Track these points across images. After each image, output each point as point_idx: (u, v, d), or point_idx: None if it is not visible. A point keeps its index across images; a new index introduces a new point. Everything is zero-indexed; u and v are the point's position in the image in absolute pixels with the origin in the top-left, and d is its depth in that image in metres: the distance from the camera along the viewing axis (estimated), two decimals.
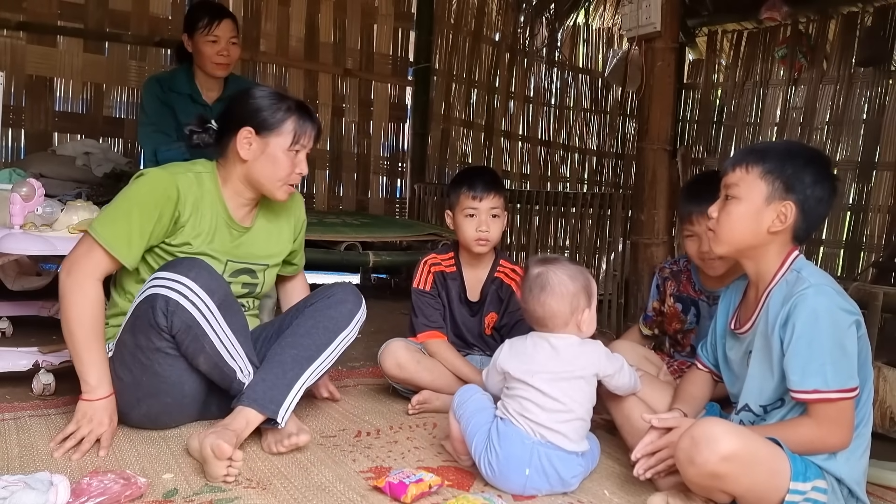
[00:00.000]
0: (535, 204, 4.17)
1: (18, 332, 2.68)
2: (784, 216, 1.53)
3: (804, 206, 1.53)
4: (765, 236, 1.55)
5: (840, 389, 1.44)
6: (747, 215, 1.55)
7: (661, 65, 2.95)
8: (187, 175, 1.93)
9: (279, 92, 2.03)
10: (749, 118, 5.54)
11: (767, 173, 1.53)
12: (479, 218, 2.26)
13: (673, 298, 2.22)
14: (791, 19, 5.07)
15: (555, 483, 1.65)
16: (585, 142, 6.10)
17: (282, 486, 1.61)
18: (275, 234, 2.12)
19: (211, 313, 1.76)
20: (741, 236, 1.57)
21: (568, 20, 5.88)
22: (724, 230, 1.58)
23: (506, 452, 1.63)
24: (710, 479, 1.42)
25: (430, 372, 2.22)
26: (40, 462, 1.65)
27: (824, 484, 1.45)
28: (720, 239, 1.60)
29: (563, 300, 1.70)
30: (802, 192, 1.52)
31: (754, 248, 1.58)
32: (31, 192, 2.12)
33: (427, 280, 2.37)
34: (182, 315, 1.72)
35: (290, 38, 4.61)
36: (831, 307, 1.46)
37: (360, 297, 2.06)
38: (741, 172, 1.56)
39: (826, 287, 1.49)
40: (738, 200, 1.56)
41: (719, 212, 1.59)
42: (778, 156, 1.55)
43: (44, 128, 3.91)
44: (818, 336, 1.44)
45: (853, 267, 4.79)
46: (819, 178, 1.53)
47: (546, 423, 1.65)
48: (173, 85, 2.95)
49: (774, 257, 1.58)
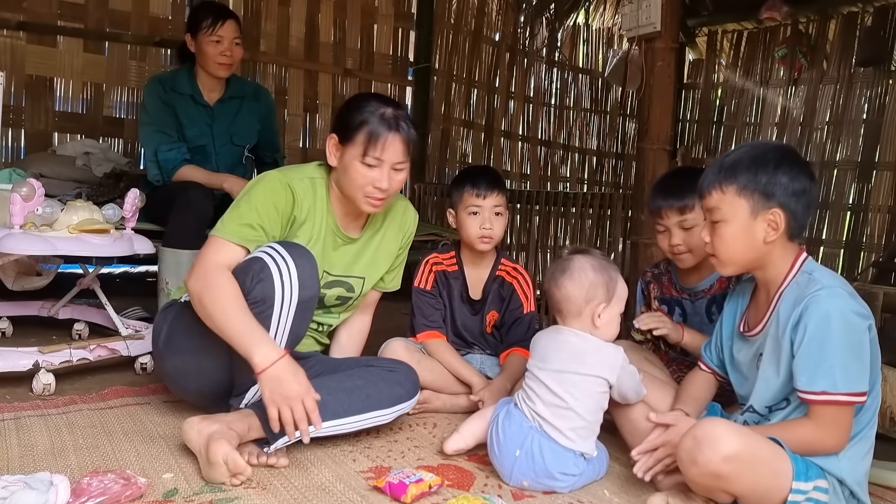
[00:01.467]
0: (535, 204, 4.17)
1: (18, 332, 2.69)
2: (775, 223, 1.53)
3: (789, 206, 1.53)
4: (763, 247, 1.56)
5: (848, 392, 1.44)
6: (740, 234, 1.55)
7: (661, 65, 2.94)
8: (303, 181, 1.93)
9: (377, 98, 1.94)
10: (749, 118, 5.54)
11: (743, 188, 1.53)
12: (483, 216, 2.27)
13: (658, 301, 2.23)
14: (791, 19, 5.07)
15: (540, 472, 1.65)
16: (585, 142, 6.10)
17: (282, 486, 1.61)
18: (382, 248, 2.11)
19: (289, 304, 1.74)
20: (742, 254, 1.57)
21: (568, 20, 5.87)
22: (722, 253, 1.59)
23: (506, 431, 1.69)
24: (713, 479, 1.42)
25: (431, 372, 2.22)
26: (40, 462, 1.65)
27: (826, 484, 1.45)
28: (723, 261, 1.60)
29: (579, 286, 1.71)
30: (783, 195, 1.52)
31: (758, 259, 1.59)
32: (31, 192, 2.12)
33: (428, 279, 2.37)
34: (266, 287, 1.71)
35: (290, 38, 4.60)
36: (844, 310, 1.46)
37: (417, 388, 2.00)
38: (718, 194, 1.56)
39: (839, 289, 1.49)
40: (725, 222, 1.56)
41: (711, 236, 1.59)
42: (747, 167, 1.54)
43: (44, 128, 3.90)
44: (829, 338, 1.44)
45: (853, 267, 4.79)
46: (793, 173, 1.53)
47: (545, 415, 1.67)
48: (175, 85, 2.95)
49: (780, 261, 1.58)
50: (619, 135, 6.23)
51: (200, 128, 2.99)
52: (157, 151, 2.87)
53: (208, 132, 3.01)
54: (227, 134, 3.05)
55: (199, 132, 2.98)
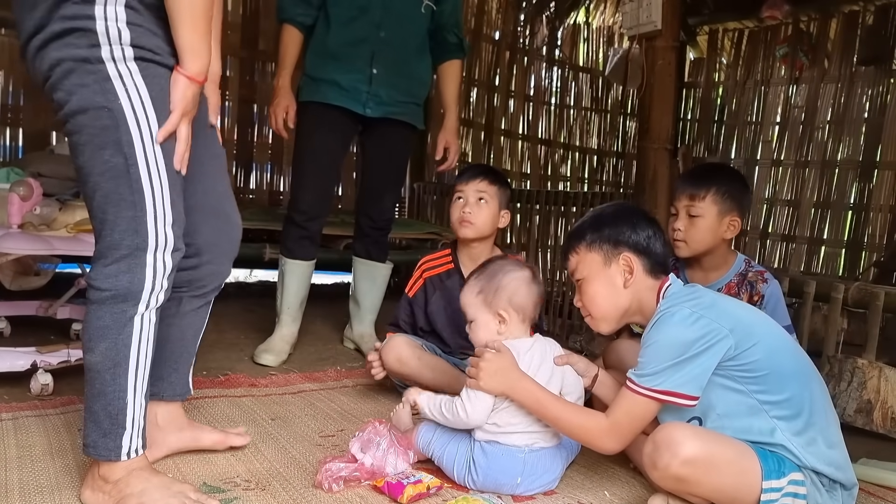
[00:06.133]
0: (536, 203, 4.16)
1: (16, 332, 2.68)
2: (628, 267, 1.61)
3: (638, 247, 1.62)
4: (626, 293, 1.62)
5: (651, 388, 1.47)
6: (601, 286, 1.63)
7: (662, 63, 2.94)
8: None
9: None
10: (750, 117, 5.53)
11: (591, 244, 1.64)
12: (465, 200, 2.29)
13: None
14: (792, 18, 5.06)
15: (546, 482, 1.65)
16: (586, 141, 6.09)
17: (281, 486, 1.61)
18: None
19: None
20: (609, 305, 1.64)
21: (568, 18, 5.87)
22: (593, 309, 1.66)
23: (494, 469, 1.61)
24: (675, 482, 1.43)
25: (432, 369, 2.21)
26: (38, 462, 1.64)
27: (801, 476, 1.44)
28: (596, 319, 1.67)
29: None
30: (627, 240, 1.62)
31: (629, 307, 1.64)
32: (29, 192, 2.12)
33: (415, 286, 2.43)
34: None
35: None
36: (679, 320, 1.49)
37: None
38: (574, 257, 1.67)
39: (682, 305, 1.52)
40: (586, 280, 1.65)
41: (581, 298, 1.67)
42: (590, 226, 1.66)
43: (42, 127, 3.89)
44: (658, 341, 1.50)
45: (854, 267, 4.79)
46: (633, 222, 1.63)
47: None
48: None
49: (650, 300, 1.62)
50: (619, 134, 6.22)
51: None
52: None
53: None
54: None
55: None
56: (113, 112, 1.35)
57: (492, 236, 2.39)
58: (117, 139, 1.35)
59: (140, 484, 1.43)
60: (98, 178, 1.38)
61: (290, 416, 2.08)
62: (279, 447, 1.84)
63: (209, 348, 2.78)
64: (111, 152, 1.36)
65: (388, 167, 2.81)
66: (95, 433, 1.42)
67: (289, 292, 2.74)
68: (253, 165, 4.71)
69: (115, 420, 1.41)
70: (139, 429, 1.45)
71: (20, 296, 2.83)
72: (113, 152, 1.36)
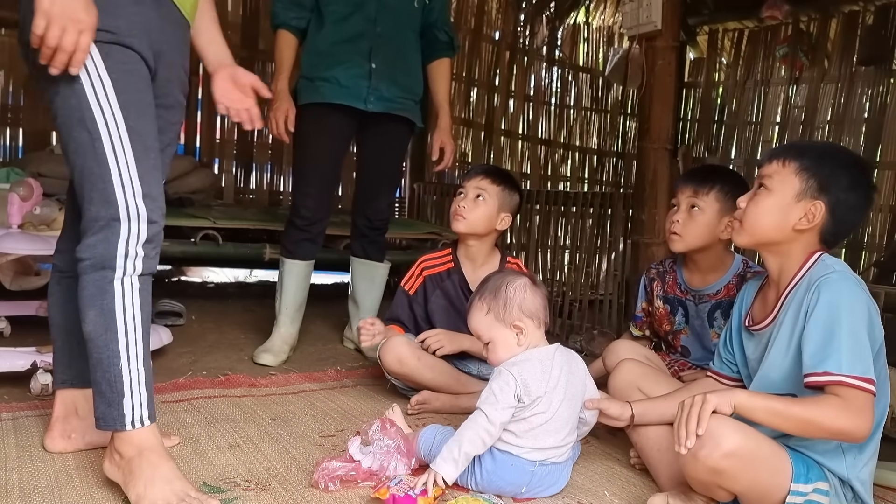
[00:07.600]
0: (536, 203, 4.16)
1: (16, 332, 2.68)
2: (812, 215, 1.51)
3: (835, 209, 1.51)
4: (789, 233, 1.54)
5: (855, 377, 1.38)
6: (775, 208, 1.54)
7: (662, 63, 2.93)
8: None
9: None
10: (750, 117, 5.52)
11: (803, 170, 1.52)
12: (465, 195, 2.32)
13: (660, 300, 2.23)
14: (792, 18, 5.05)
15: (551, 492, 1.65)
16: (586, 141, 6.08)
17: (281, 487, 1.61)
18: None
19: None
20: (766, 229, 1.56)
21: (568, 18, 5.86)
22: (749, 220, 1.57)
23: (499, 476, 1.60)
24: (712, 474, 1.41)
25: (431, 369, 2.21)
26: (39, 462, 1.64)
27: (826, 486, 1.44)
28: (744, 228, 1.59)
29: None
30: (836, 194, 1.50)
31: (777, 244, 1.57)
32: (29, 192, 2.12)
33: (415, 283, 2.42)
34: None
35: None
36: (853, 294, 1.44)
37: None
38: (777, 165, 1.55)
39: (849, 275, 1.47)
40: (769, 192, 1.55)
41: (748, 202, 1.58)
42: (817, 154, 1.54)
43: (42, 127, 3.90)
44: (839, 322, 1.41)
45: (854, 266, 4.78)
46: (855, 184, 1.52)
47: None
48: None
49: (798, 256, 1.55)
50: (619, 134, 6.22)
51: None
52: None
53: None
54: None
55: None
56: (75, 91, 1.42)
57: (489, 236, 2.37)
58: (81, 117, 1.43)
59: (147, 471, 1.45)
60: (73, 156, 1.46)
61: (290, 416, 2.08)
62: (279, 447, 1.84)
63: (209, 348, 2.78)
64: (78, 130, 1.44)
65: (384, 163, 2.81)
66: (102, 404, 1.48)
67: (288, 292, 2.74)
68: (253, 165, 4.71)
69: (114, 387, 1.46)
70: (140, 397, 1.48)
71: (20, 296, 2.83)
72: (80, 130, 1.44)
